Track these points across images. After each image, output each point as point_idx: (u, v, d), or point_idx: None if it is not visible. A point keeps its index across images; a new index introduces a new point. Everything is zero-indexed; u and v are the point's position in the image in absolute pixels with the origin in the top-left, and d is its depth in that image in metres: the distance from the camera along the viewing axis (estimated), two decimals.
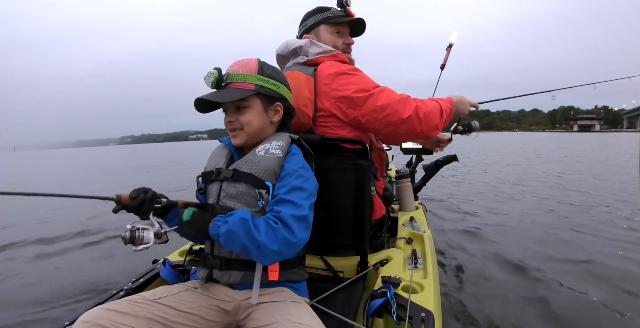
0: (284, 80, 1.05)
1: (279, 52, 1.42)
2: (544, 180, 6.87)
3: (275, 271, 0.89)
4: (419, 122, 1.22)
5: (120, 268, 2.62)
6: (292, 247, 0.83)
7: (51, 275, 2.56)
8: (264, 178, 0.92)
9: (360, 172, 1.20)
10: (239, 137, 1.00)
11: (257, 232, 0.80)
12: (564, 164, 10.30)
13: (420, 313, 0.90)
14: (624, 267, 2.51)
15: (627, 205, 4.50)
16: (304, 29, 1.44)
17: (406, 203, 1.93)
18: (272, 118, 1.02)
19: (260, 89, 0.97)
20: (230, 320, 0.92)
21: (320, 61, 1.30)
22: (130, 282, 1.13)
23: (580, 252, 2.84)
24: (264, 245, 0.79)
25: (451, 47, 2.17)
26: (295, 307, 0.88)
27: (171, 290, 0.91)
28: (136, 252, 0.75)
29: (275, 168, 0.94)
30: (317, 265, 1.27)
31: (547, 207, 4.51)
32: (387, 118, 1.19)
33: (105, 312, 0.75)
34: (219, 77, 0.94)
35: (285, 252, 0.83)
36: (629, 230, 3.45)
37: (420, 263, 1.24)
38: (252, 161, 0.95)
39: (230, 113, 0.99)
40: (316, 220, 1.13)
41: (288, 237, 0.81)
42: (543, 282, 2.26)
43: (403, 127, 1.22)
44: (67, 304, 2.06)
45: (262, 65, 1.00)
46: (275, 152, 0.95)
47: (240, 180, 0.94)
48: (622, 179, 6.73)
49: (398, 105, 1.20)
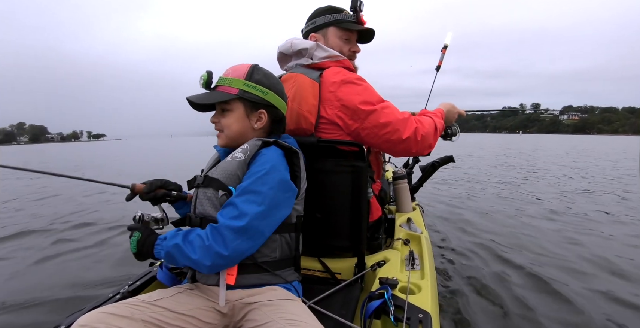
0: (274, 87, 1.02)
1: (282, 50, 1.38)
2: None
3: (232, 275, 0.90)
4: (415, 143, 1.23)
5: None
6: (226, 259, 0.84)
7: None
8: (227, 183, 0.93)
9: (357, 174, 1.20)
10: (221, 138, 1.04)
11: (192, 250, 0.84)
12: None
13: (417, 314, 0.90)
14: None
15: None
16: (312, 27, 1.38)
17: (403, 204, 1.93)
18: (254, 124, 1.02)
19: (243, 94, 0.98)
20: (227, 322, 0.92)
21: (325, 66, 1.28)
22: (127, 285, 1.12)
23: (588, 253, 2.86)
24: (199, 262, 0.84)
25: (446, 48, 2.18)
26: (290, 304, 0.89)
27: (167, 292, 0.91)
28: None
29: (238, 173, 0.93)
30: (314, 267, 1.27)
31: (544, 210, 4.53)
32: (387, 136, 1.19)
33: (102, 315, 0.75)
34: (208, 80, 0.98)
35: (220, 264, 0.85)
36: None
37: (417, 265, 1.24)
38: (221, 166, 0.97)
39: (215, 114, 1.04)
40: (313, 221, 1.13)
41: (220, 251, 0.83)
42: (541, 283, 2.27)
43: (400, 146, 1.23)
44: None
45: (253, 70, 1.00)
46: (238, 155, 0.95)
47: (209, 185, 0.96)
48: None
49: (399, 125, 1.19)
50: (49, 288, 2.29)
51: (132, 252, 0.91)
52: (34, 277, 2.49)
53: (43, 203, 5.37)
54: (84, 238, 3.39)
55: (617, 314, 1.89)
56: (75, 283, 2.35)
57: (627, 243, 3.10)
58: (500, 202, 4.93)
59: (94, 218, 4.20)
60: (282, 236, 0.97)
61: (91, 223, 3.94)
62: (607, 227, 3.66)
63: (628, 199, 5.14)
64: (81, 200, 5.47)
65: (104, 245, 3.20)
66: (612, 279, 2.35)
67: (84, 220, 4.13)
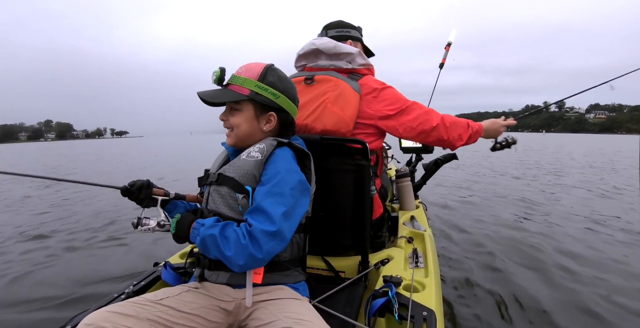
0: (287, 91, 1.01)
1: (323, 48, 1.36)
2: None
3: (259, 274, 0.90)
4: (445, 130, 1.37)
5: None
6: (259, 261, 0.83)
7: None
8: (243, 182, 0.92)
9: (360, 172, 1.20)
10: (230, 137, 1.02)
11: (227, 246, 0.82)
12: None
13: (422, 312, 0.90)
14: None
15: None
16: (348, 35, 1.49)
17: (406, 202, 1.93)
18: (262, 126, 1.00)
19: (255, 96, 0.96)
20: (232, 321, 0.92)
21: (362, 72, 1.38)
22: (132, 285, 1.13)
23: (588, 251, 2.85)
24: (232, 259, 0.82)
25: (450, 45, 2.17)
26: (296, 304, 0.89)
27: (173, 291, 0.91)
28: (141, 233, 0.93)
29: (255, 172, 0.93)
30: (318, 266, 1.27)
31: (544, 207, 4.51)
32: (420, 126, 1.34)
33: (107, 314, 0.76)
34: (220, 76, 0.96)
35: (251, 265, 0.84)
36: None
37: (421, 262, 1.24)
38: (235, 165, 0.96)
39: (225, 111, 1.02)
40: (317, 220, 1.13)
41: (254, 253, 0.82)
42: (545, 281, 2.27)
43: (433, 135, 1.36)
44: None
45: (267, 71, 0.98)
46: (255, 155, 0.94)
47: (223, 183, 0.95)
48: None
49: (427, 115, 1.35)
50: (56, 287, 2.30)
51: (170, 233, 0.90)
52: (40, 276, 2.51)
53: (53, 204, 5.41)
54: (91, 238, 3.42)
55: (621, 314, 1.88)
56: (82, 282, 2.36)
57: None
58: (507, 202, 4.91)
59: (99, 217, 4.23)
60: (293, 236, 0.96)
61: (96, 224, 3.97)
62: (609, 229, 3.64)
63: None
64: (89, 201, 5.50)
65: (110, 245, 3.22)
66: (619, 280, 2.33)
67: (90, 220, 4.16)
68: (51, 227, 3.92)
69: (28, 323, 1.89)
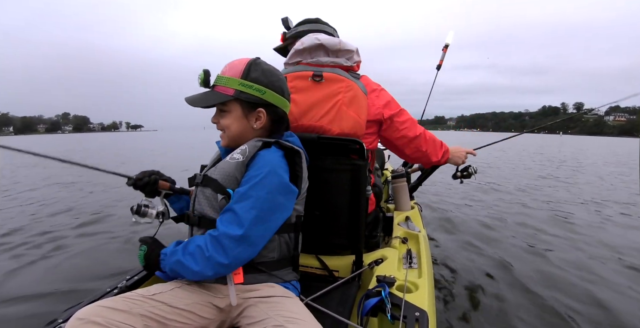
0: (272, 84, 0.97)
1: (328, 45, 1.30)
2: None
3: (238, 274, 0.91)
4: (425, 142, 1.46)
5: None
6: (227, 267, 0.85)
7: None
8: (226, 184, 0.92)
9: (357, 172, 1.20)
10: (223, 139, 1.02)
11: (193, 262, 0.85)
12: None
13: (414, 313, 0.90)
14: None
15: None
16: (333, 33, 1.50)
17: (402, 203, 1.94)
18: (253, 124, 0.99)
19: (240, 95, 0.95)
20: (224, 317, 0.92)
21: (355, 70, 1.39)
22: (125, 280, 1.12)
23: (587, 251, 2.87)
24: (201, 273, 0.85)
25: (447, 47, 2.17)
26: (288, 302, 0.89)
27: (166, 286, 0.91)
28: (137, 224, 0.95)
29: (236, 174, 0.92)
30: (312, 264, 1.27)
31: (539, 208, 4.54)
32: (405, 131, 1.42)
33: (99, 309, 0.75)
34: (205, 79, 0.96)
35: (222, 272, 0.87)
36: None
37: (415, 263, 1.25)
38: (219, 167, 0.96)
39: (215, 115, 1.02)
40: (312, 219, 1.13)
41: (221, 261, 0.83)
42: (541, 281, 2.28)
43: (412, 145, 1.44)
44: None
45: (250, 67, 0.96)
46: (237, 157, 0.94)
47: (208, 185, 0.95)
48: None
49: (413, 123, 1.45)
50: (48, 282, 2.29)
51: (140, 265, 0.93)
52: (32, 271, 2.49)
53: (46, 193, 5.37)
54: (85, 232, 3.39)
55: (618, 317, 1.90)
56: (75, 278, 2.35)
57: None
58: (501, 203, 4.94)
59: (95, 210, 4.20)
60: (281, 236, 0.96)
61: (91, 217, 3.94)
62: (605, 232, 3.67)
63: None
64: (84, 193, 5.46)
65: (103, 238, 3.20)
66: (615, 280, 2.35)
67: (85, 212, 4.13)
68: (45, 222, 3.89)
69: (18, 317, 1.87)
